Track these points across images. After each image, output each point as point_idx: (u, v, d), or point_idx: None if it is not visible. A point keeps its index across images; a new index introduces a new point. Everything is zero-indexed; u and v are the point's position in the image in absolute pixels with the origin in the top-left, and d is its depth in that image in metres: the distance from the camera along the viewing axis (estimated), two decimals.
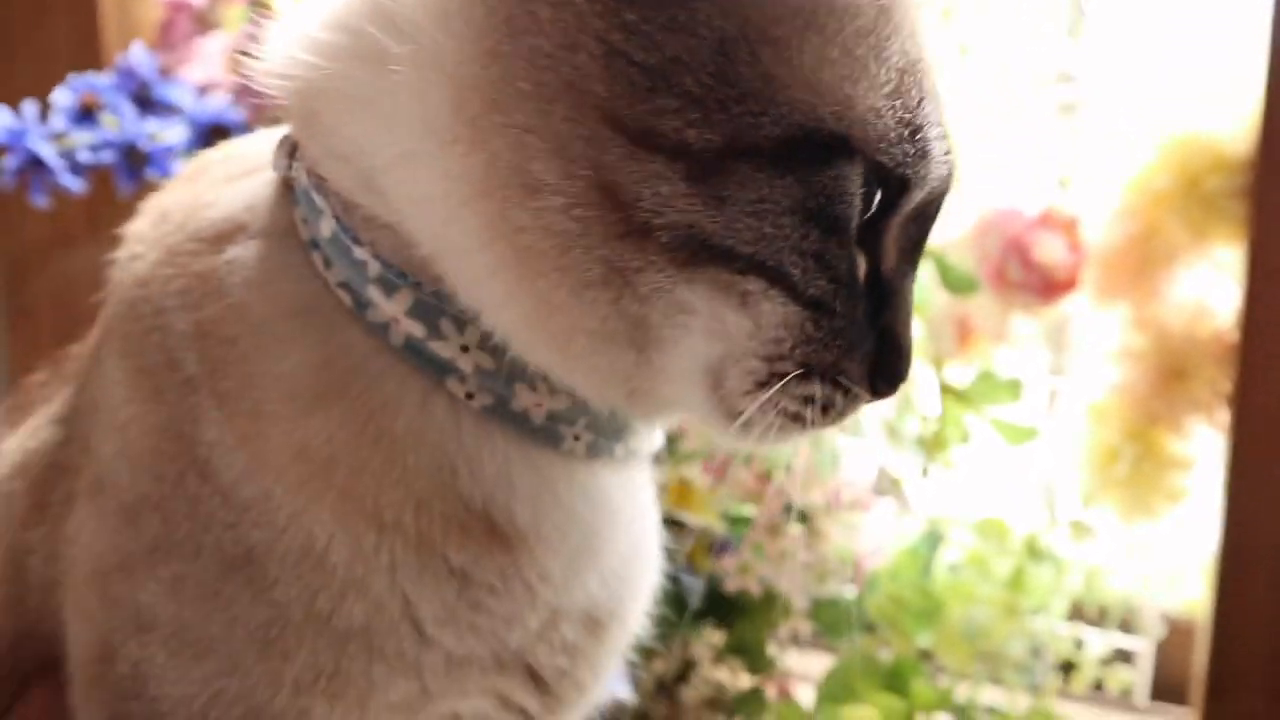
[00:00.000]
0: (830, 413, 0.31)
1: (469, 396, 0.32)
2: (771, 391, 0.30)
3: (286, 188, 0.35)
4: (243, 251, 0.33)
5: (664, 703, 0.72)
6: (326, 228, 0.32)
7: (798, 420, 0.31)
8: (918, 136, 0.29)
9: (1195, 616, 0.73)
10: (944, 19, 0.67)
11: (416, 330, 0.32)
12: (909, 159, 0.29)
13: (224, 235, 0.34)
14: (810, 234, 0.29)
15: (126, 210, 0.69)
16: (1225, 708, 0.66)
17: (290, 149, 0.34)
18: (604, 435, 0.36)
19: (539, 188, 0.28)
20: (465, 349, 0.32)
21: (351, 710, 0.34)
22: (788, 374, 0.30)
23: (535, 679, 0.38)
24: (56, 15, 0.88)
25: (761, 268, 0.29)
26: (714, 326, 0.30)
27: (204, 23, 0.84)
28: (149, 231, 0.39)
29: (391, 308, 0.32)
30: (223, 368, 0.33)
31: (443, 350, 0.32)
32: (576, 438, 0.34)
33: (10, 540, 0.43)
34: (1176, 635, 0.75)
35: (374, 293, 0.32)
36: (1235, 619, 0.65)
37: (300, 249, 0.33)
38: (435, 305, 0.32)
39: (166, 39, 0.83)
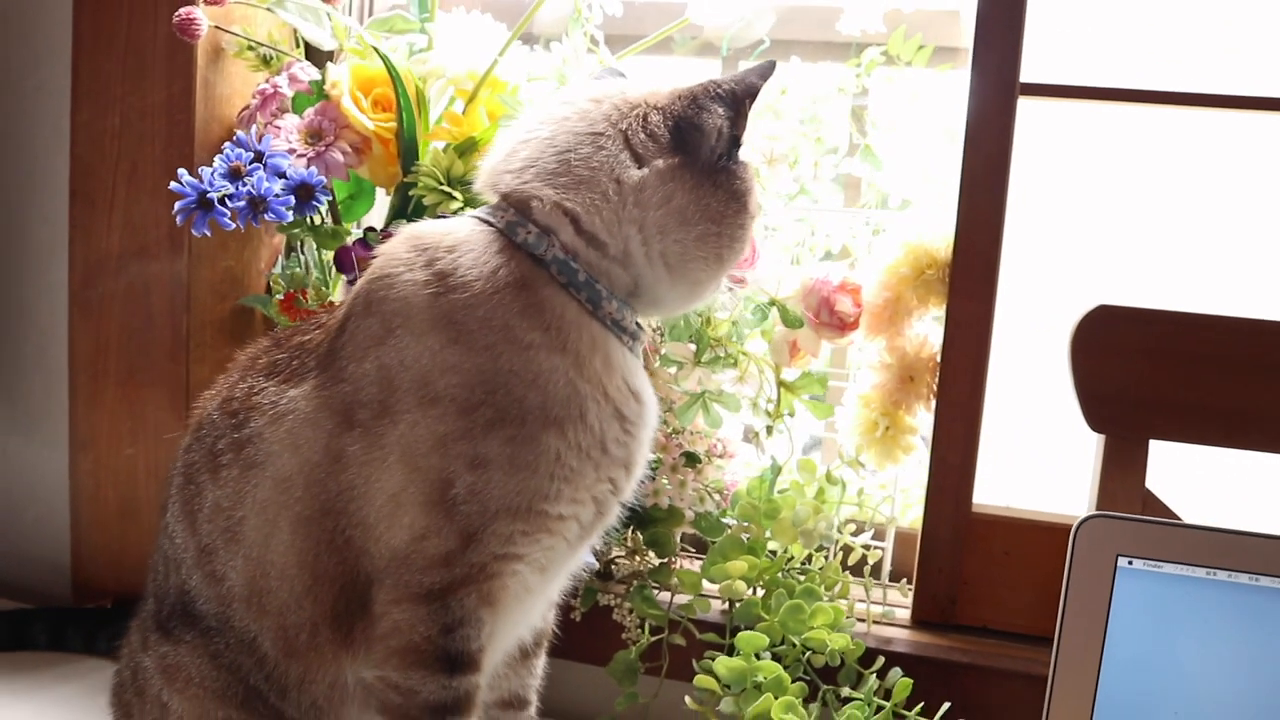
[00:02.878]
0: None
1: (628, 336, 0.78)
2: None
3: (506, 238, 0.76)
4: (525, 274, 0.75)
5: (605, 579, 1.16)
6: (555, 255, 0.75)
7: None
8: None
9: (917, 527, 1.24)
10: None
11: (595, 300, 0.76)
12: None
13: (502, 274, 0.75)
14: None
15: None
16: (928, 584, 1.17)
17: (519, 222, 0.76)
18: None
19: (720, 254, 0.77)
20: (616, 308, 0.77)
21: (570, 490, 0.75)
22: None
23: (613, 483, 0.80)
24: (155, 80, 1.17)
25: None
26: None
27: (281, 106, 1.20)
28: (406, 255, 0.77)
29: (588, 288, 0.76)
30: (558, 333, 0.73)
31: (610, 310, 0.77)
32: (639, 352, 0.80)
33: (326, 444, 0.76)
34: (909, 540, 1.26)
35: (586, 284, 0.75)
36: (932, 531, 1.16)
37: (541, 266, 0.76)
38: (600, 289, 0.76)
39: (253, 118, 1.17)
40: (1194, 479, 1.07)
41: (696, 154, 0.77)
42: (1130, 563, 0.86)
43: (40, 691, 1.12)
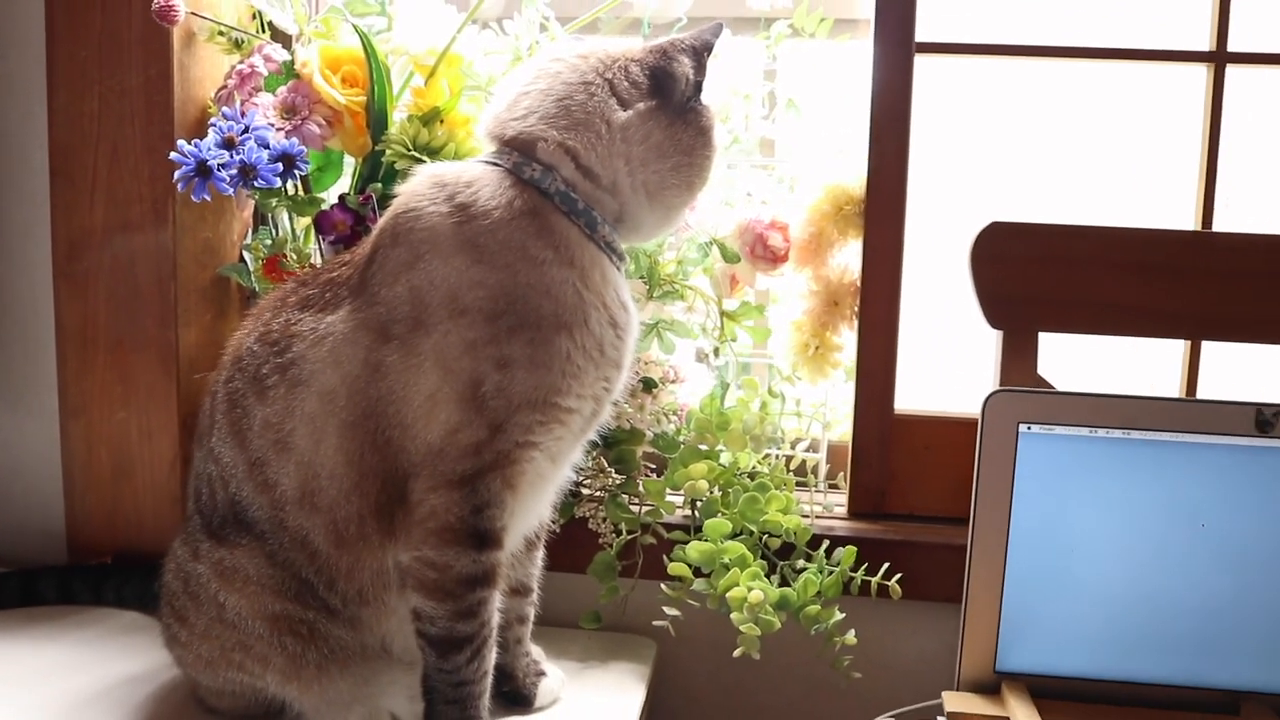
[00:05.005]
0: None
1: (616, 257, 0.95)
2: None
3: (514, 175, 0.92)
4: (534, 204, 0.91)
5: (576, 497, 1.33)
6: (558, 188, 0.91)
7: None
8: None
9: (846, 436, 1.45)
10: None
11: (592, 225, 0.93)
12: None
13: (517, 204, 0.90)
14: None
15: (187, 206, 1.21)
16: (860, 479, 1.38)
17: (525, 161, 0.92)
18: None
19: (690, 181, 0.94)
20: (608, 232, 0.94)
21: (577, 386, 0.91)
22: None
23: (608, 381, 0.96)
24: (132, 65, 1.28)
25: None
26: None
27: (256, 86, 1.32)
28: (429, 192, 0.92)
29: (585, 215, 0.92)
30: (565, 251, 0.89)
31: (603, 234, 0.93)
32: (624, 271, 0.97)
33: (364, 357, 0.91)
34: (839, 451, 1.47)
35: (584, 211, 0.92)
36: (862, 433, 1.37)
37: (545, 198, 0.92)
38: (596, 215, 0.93)
39: (231, 96, 1.30)
40: (1071, 363, 1.30)
41: (670, 97, 0.95)
42: (1029, 428, 1.07)
43: (61, 637, 1.23)
